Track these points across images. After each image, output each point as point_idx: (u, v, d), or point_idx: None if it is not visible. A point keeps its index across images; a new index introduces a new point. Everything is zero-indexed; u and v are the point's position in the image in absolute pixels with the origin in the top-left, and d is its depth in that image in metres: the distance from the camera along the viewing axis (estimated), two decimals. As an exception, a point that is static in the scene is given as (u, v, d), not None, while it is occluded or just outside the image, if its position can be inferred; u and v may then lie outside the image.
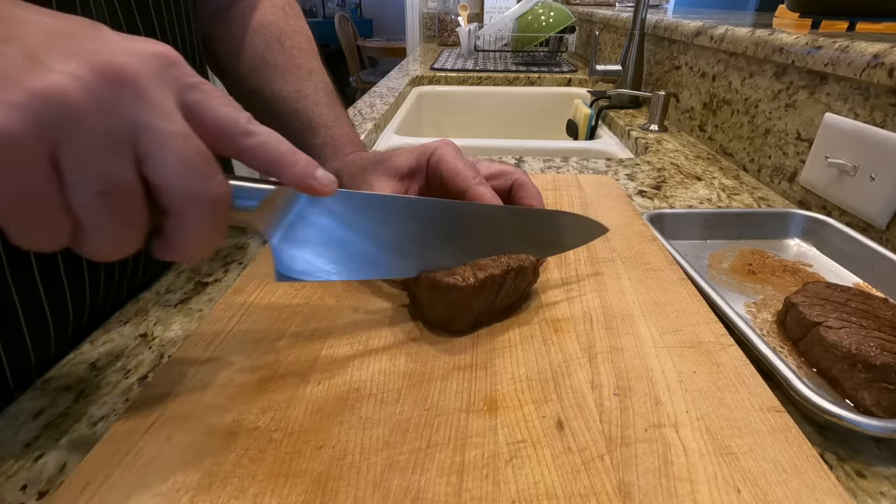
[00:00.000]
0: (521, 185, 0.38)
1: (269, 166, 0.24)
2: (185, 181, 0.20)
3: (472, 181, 0.35)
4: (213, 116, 0.22)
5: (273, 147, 0.24)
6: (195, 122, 0.22)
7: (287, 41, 0.47)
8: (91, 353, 0.34)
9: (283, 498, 0.22)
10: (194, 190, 0.21)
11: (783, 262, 0.48)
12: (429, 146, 0.38)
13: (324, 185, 0.25)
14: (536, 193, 0.38)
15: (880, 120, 0.49)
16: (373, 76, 3.96)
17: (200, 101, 0.22)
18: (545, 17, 1.50)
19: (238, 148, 0.23)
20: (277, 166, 0.24)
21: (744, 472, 0.23)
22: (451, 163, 0.36)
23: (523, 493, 0.22)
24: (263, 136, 0.23)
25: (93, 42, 0.19)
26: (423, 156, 0.37)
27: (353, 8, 5.67)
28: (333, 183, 0.26)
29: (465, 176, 0.35)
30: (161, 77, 0.20)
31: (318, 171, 0.25)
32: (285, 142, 0.24)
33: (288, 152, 0.24)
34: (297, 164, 0.24)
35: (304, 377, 0.29)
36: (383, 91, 1.21)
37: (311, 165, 0.25)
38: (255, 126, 0.23)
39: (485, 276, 0.31)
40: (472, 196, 0.34)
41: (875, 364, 0.29)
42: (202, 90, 0.22)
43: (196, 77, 0.22)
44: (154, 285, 0.42)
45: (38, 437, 0.28)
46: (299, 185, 0.25)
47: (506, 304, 0.34)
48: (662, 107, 0.88)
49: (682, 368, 0.29)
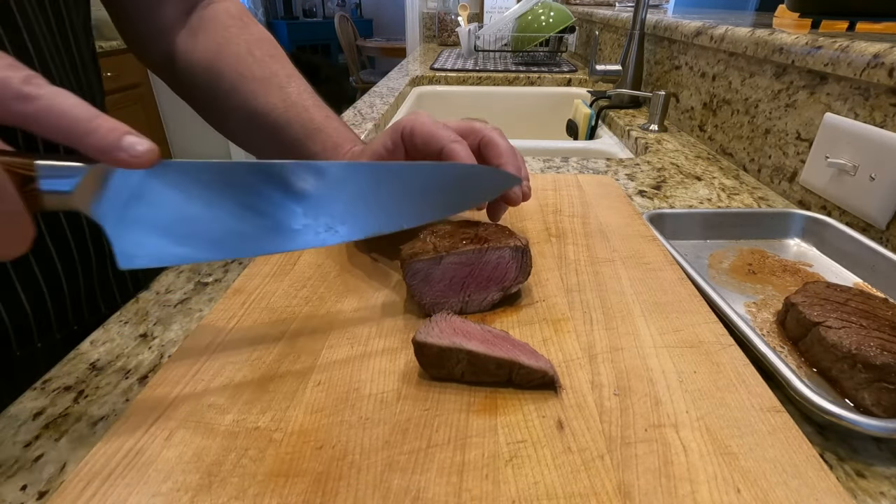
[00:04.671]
0: (487, 142, 0.37)
1: (63, 136, 0.20)
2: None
3: (447, 140, 0.35)
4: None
5: (62, 112, 0.19)
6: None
7: (257, 51, 0.46)
8: (91, 353, 0.34)
9: (283, 498, 0.22)
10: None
11: (783, 262, 0.48)
12: (400, 121, 0.37)
13: (135, 156, 0.21)
14: (506, 150, 0.37)
15: (880, 120, 0.49)
16: (373, 76, 3.96)
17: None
18: (545, 17, 1.50)
19: (15, 114, 0.19)
20: (72, 135, 0.20)
21: (744, 472, 0.23)
22: (424, 128, 0.36)
23: (523, 492, 0.22)
24: (46, 100, 0.19)
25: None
26: (396, 132, 0.37)
27: (353, 8, 5.67)
28: (149, 151, 0.21)
29: (440, 136, 0.35)
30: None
31: (125, 138, 0.21)
32: (82, 104, 0.20)
33: (83, 117, 0.20)
34: (98, 130, 0.20)
35: (304, 377, 0.29)
36: (383, 91, 1.21)
37: (116, 132, 0.20)
38: (37, 88, 0.19)
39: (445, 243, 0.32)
40: (447, 154, 0.34)
41: (875, 364, 0.29)
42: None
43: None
44: (154, 285, 0.42)
45: (38, 437, 0.28)
46: (105, 158, 0.21)
47: (492, 286, 0.34)
48: (662, 107, 0.88)
49: (682, 368, 0.29)
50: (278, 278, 0.38)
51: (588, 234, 0.45)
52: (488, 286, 0.34)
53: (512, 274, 0.34)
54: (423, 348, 0.27)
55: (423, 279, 0.33)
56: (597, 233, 0.45)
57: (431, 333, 0.28)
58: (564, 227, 0.46)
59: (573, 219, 0.48)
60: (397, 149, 0.37)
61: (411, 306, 0.35)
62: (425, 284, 0.33)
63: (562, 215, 0.48)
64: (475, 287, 0.34)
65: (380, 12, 5.63)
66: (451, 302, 0.34)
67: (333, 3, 5.61)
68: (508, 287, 0.34)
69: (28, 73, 0.19)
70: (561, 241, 0.43)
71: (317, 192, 0.28)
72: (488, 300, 0.34)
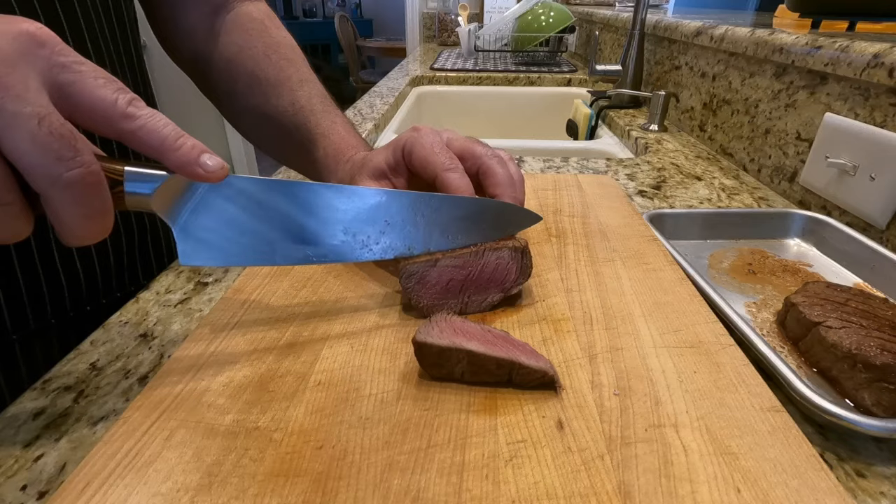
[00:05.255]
0: (486, 171, 0.36)
1: (152, 151, 0.23)
2: (39, 162, 0.20)
3: (441, 168, 0.34)
4: (88, 98, 0.22)
5: (155, 131, 0.23)
6: (68, 103, 0.21)
7: (273, 54, 0.47)
8: (91, 353, 0.34)
9: (283, 498, 0.22)
10: (51, 172, 0.20)
11: (783, 262, 0.48)
12: (401, 137, 0.37)
13: (209, 172, 0.24)
14: (504, 180, 0.35)
15: (880, 120, 0.49)
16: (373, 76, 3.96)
17: (74, 81, 0.21)
18: (545, 17, 1.50)
19: (118, 131, 0.23)
20: (160, 151, 0.23)
21: (744, 472, 0.23)
22: (420, 152, 0.35)
23: (523, 492, 0.22)
24: (143, 120, 0.23)
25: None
26: (397, 149, 0.37)
27: (353, 8, 5.67)
28: (221, 168, 0.25)
29: (434, 163, 0.35)
30: (21, 57, 0.20)
31: (203, 156, 0.24)
32: (170, 125, 0.24)
33: (171, 136, 0.24)
34: (181, 148, 0.24)
35: (304, 377, 0.29)
36: (383, 91, 1.21)
37: (196, 150, 0.24)
38: (137, 109, 0.23)
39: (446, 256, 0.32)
40: (440, 183, 0.34)
41: (875, 364, 0.29)
42: (76, 70, 0.21)
43: (71, 56, 0.21)
44: (154, 285, 0.42)
45: (38, 437, 0.28)
46: (184, 171, 0.24)
47: (492, 288, 0.34)
48: (662, 107, 0.88)
49: (682, 368, 0.29)
50: (278, 278, 0.38)
51: (588, 234, 0.45)
52: (488, 288, 0.34)
53: (512, 275, 0.34)
54: (423, 348, 0.27)
55: (418, 282, 0.33)
56: (597, 233, 0.45)
57: (431, 333, 0.28)
58: (564, 227, 0.46)
59: (573, 219, 0.48)
60: (398, 165, 0.37)
61: (411, 307, 0.35)
62: (421, 287, 0.33)
63: (562, 215, 0.48)
64: (474, 289, 0.34)
65: (380, 12, 5.63)
66: (450, 304, 0.34)
67: (333, 3, 5.61)
68: (509, 288, 0.34)
69: (132, 96, 0.23)
70: (561, 241, 0.43)
71: (356, 213, 0.32)
72: (488, 302, 0.34)
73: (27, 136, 0.20)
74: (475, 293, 0.34)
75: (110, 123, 0.22)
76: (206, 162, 0.24)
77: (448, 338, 0.28)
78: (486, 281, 0.34)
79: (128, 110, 0.22)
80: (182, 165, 0.24)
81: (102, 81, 0.22)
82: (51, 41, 0.21)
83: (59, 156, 0.20)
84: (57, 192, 0.21)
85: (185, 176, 0.25)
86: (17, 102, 0.20)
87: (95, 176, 0.22)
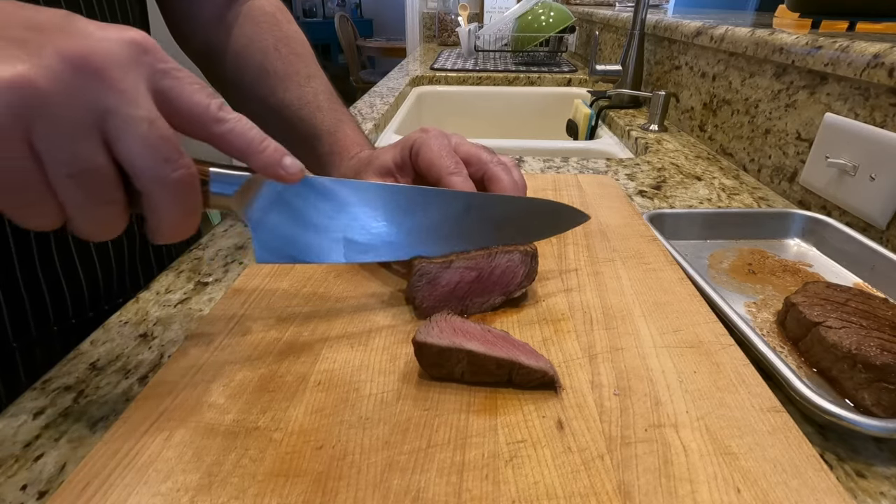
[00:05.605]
0: (490, 178, 0.36)
1: (238, 153, 0.25)
2: (149, 163, 0.21)
3: (446, 171, 0.35)
4: (186, 103, 0.23)
5: (242, 134, 0.25)
6: (168, 107, 0.22)
7: (283, 48, 0.48)
8: (91, 353, 0.34)
9: (283, 498, 0.22)
10: (158, 172, 0.22)
11: (783, 262, 0.48)
12: (409, 137, 0.37)
13: (290, 173, 0.26)
14: (509, 187, 0.36)
15: (880, 120, 0.49)
16: (373, 76, 3.96)
17: (173, 87, 0.23)
18: (545, 17, 1.50)
19: (209, 134, 0.24)
20: (246, 153, 0.25)
21: (744, 472, 0.23)
22: (427, 153, 0.36)
23: (523, 493, 0.22)
24: (232, 124, 0.24)
25: (64, 32, 0.20)
26: (405, 149, 0.37)
27: (353, 8, 5.67)
28: (300, 171, 0.26)
29: (439, 166, 0.35)
30: (132, 63, 0.21)
31: (285, 158, 0.26)
32: (255, 129, 0.25)
33: (256, 140, 0.25)
34: (265, 151, 0.25)
35: (304, 377, 0.29)
36: (383, 91, 1.21)
37: (279, 153, 0.26)
38: (227, 113, 0.24)
39: (461, 259, 0.32)
40: (444, 187, 0.34)
41: (875, 364, 0.29)
42: (175, 76, 0.23)
43: (170, 63, 0.22)
44: (154, 285, 0.42)
45: (38, 437, 0.28)
46: (267, 172, 0.26)
47: (496, 291, 0.34)
48: (662, 107, 0.88)
49: (682, 368, 0.29)
50: (279, 278, 0.38)
51: (588, 234, 0.45)
52: (493, 290, 0.34)
53: (518, 279, 0.34)
54: (423, 348, 0.27)
55: (428, 282, 0.32)
56: (597, 233, 0.45)
57: (431, 333, 0.28)
58: (564, 227, 0.46)
59: (573, 219, 0.48)
60: (406, 164, 0.38)
61: (413, 306, 0.35)
62: (430, 287, 0.33)
63: (562, 215, 0.48)
64: (479, 292, 0.34)
65: (380, 12, 5.63)
66: (452, 305, 0.34)
67: (333, 3, 5.61)
68: (512, 291, 0.34)
69: (221, 101, 0.24)
70: (561, 241, 0.43)
71: (423, 215, 0.33)
72: (489, 304, 0.34)
73: (139, 139, 0.21)
74: (478, 295, 0.34)
75: (204, 126, 0.24)
76: (287, 163, 0.26)
77: (448, 338, 0.28)
78: (492, 284, 0.34)
79: (219, 114, 0.24)
80: (266, 167, 0.25)
81: (198, 87, 0.23)
82: (153, 49, 0.22)
83: (166, 157, 0.22)
84: (161, 191, 0.22)
85: (267, 176, 0.26)
86: (132, 106, 0.21)
87: (193, 177, 0.23)
